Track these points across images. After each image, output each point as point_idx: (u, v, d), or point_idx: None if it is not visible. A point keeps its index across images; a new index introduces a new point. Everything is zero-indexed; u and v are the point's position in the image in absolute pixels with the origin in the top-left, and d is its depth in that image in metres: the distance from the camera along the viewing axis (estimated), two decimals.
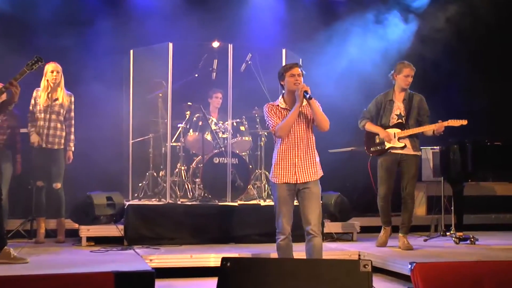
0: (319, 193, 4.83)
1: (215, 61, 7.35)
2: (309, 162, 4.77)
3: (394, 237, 6.44)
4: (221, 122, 7.45)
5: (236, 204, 6.78)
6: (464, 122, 6.15)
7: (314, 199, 4.77)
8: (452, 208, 6.99)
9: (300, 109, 4.75)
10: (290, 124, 4.71)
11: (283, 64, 7.08)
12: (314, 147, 4.85)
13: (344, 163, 8.16)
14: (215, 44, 7.43)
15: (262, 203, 6.93)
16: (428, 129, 6.21)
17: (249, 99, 7.64)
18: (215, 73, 7.37)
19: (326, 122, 4.73)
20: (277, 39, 7.99)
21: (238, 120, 7.39)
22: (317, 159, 4.84)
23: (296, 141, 4.79)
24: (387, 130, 6.30)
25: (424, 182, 8.05)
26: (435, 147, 7.67)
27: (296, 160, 4.76)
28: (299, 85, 4.71)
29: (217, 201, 6.84)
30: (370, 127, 6.40)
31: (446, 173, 7.04)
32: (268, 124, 4.89)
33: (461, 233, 6.67)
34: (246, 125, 7.45)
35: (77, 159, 6.58)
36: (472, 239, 6.61)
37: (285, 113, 4.79)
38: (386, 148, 6.28)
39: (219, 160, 7.03)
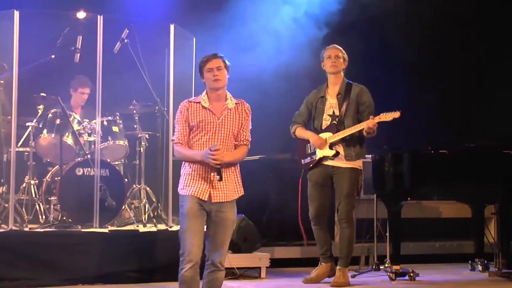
0: (235, 218, 5.04)
1: (79, 38, 7.28)
2: (227, 179, 4.94)
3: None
4: (87, 120, 7.39)
5: (106, 230, 6.74)
6: (397, 114, 6.26)
7: (229, 226, 4.95)
8: (387, 234, 7.13)
9: (222, 117, 4.94)
10: (188, 160, 4.96)
11: (171, 43, 7.06)
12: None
13: (251, 176, 8.11)
14: (80, 15, 7.35)
15: (142, 229, 6.92)
16: (358, 129, 6.29)
17: (125, 90, 7.65)
18: (78, 54, 7.29)
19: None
20: (163, 11, 7.96)
21: (109, 118, 7.36)
22: (238, 175, 5.04)
23: None
24: (320, 134, 6.41)
25: None
26: (366, 156, 7.74)
27: (211, 174, 4.89)
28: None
29: (79, 227, 6.79)
30: (300, 132, 6.56)
31: (379, 189, 7.19)
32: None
33: (398, 267, 6.85)
34: (121, 125, 7.44)
35: None
36: (412, 274, 6.80)
37: (205, 113, 4.93)
38: (317, 158, 6.40)
39: (84, 171, 6.99)
